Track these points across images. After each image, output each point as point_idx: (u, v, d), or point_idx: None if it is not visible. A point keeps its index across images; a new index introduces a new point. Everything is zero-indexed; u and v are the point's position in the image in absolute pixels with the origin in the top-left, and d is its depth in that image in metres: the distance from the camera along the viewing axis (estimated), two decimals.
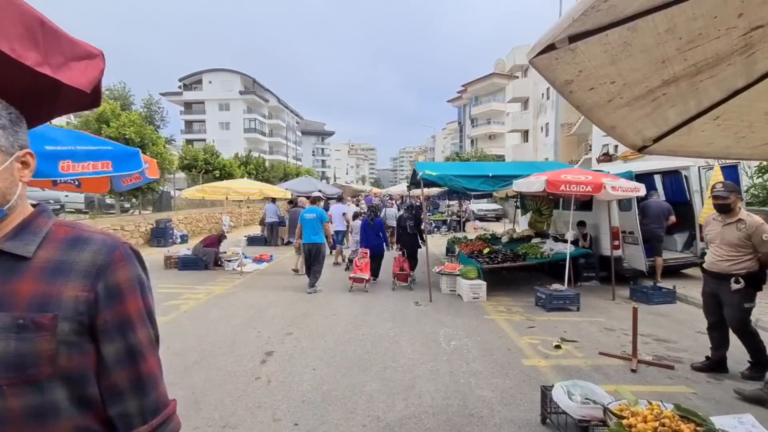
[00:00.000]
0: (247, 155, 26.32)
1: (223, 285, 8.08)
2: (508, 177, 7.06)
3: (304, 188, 14.06)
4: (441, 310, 6.17)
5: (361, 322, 5.57)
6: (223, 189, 8.38)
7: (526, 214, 11.38)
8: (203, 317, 5.82)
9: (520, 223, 12.15)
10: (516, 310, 6.15)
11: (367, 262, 7.99)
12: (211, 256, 9.72)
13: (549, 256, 7.05)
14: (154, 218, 14.46)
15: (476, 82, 51.88)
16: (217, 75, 61.18)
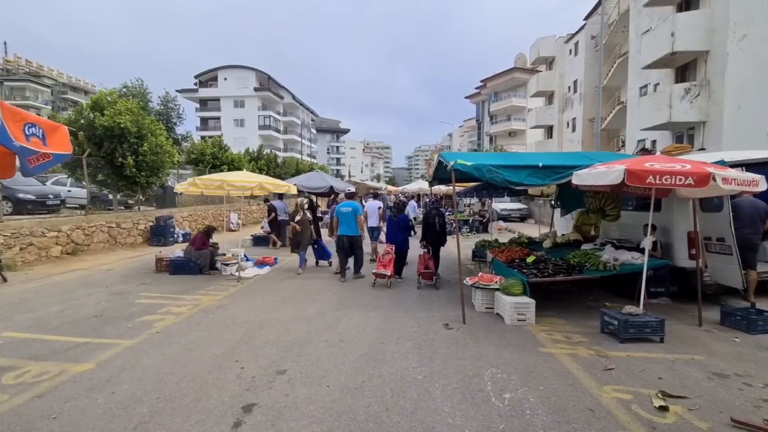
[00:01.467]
0: (258, 150, 25.31)
1: (214, 294, 6.87)
2: (563, 168, 5.63)
3: (315, 184, 12.82)
4: (480, 337, 4.79)
5: (377, 354, 4.24)
6: (217, 182, 7.20)
7: (567, 214, 9.88)
8: (176, 342, 4.59)
9: (557, 225, 10.63)
10: (578, 340, 4.72)
11: (391, 258, 7.78)
12: (206, 259, 8.54)
13: (615, 268, 5.58)
14: (154, 215, 13.46)
15: (496, 77, 50.13)
16: (232, 72, 60.87)
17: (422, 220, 8.52)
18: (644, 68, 20.34)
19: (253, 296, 6.80)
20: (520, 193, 10.32)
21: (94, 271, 8.93)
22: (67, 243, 10.40)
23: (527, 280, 5.49)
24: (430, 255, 7.83)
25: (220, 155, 18.85)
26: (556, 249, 7.71)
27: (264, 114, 60.75)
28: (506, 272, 6.21)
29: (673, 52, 18.04)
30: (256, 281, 8.04)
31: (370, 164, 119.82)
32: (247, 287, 7.49)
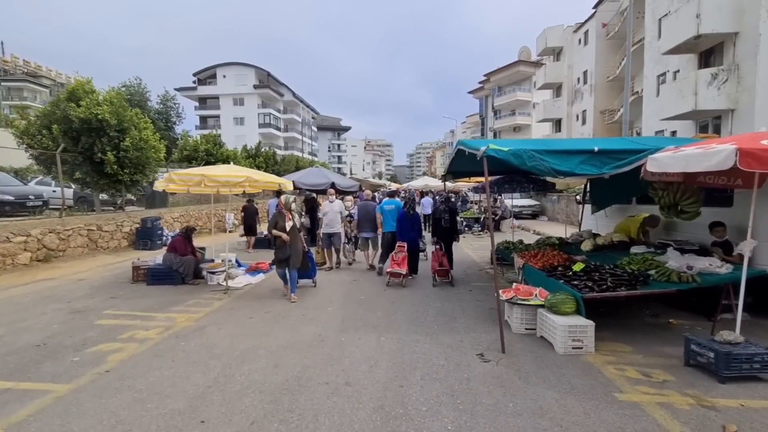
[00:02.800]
0: (256, 147, 24.18)
1: (193, 311, 5.74)
2: (624, 152, 4.46)
3: (314, 180, 11.67)
4: (530, 375, 3.64)
5: (397, 407, 3.10)
6: (196, 176, 6.05)
7: (600, 210, 8.69)
8: (127, 387, 3.46)
9: (587, 224, 9.45)
10: (661, 378, 3.56)
11: (404, 256, 7.47)
12: (189, 267, 7.40)
13: (694, 279, 4.41)
14: (140, 216, 12.34)
15: (500, 71, 48.92)
16: (231, 69, 59.80)
17: (431, 216, 8.61)
18: (665, 54, 19.08)
19: (240, 313, 5.66)
20: (546, 187, 9.11)
21: (63, 281, 7.82)
22: (38, 249, 9.29)
23: (582, 296, 4.32)
24: (443, 252, 7.66)
25: (215, 152, 17.71)
26: (598, 252, 6.54)
27: (264, 112, 59.71)
28: (548, 284, 5.05)
29: (698, 35, 16.76)
30: (246, 292, 6.91)
31: (371, 162, 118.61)
32: (235, 300, 6.36)
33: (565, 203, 19.18)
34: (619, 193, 7.75)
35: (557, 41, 34.99)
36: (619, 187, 7.58)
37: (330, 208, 8.48)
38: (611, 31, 28.21)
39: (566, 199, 19.11)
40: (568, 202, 18.84)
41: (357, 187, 12.19)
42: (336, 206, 8.54)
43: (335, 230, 8.53)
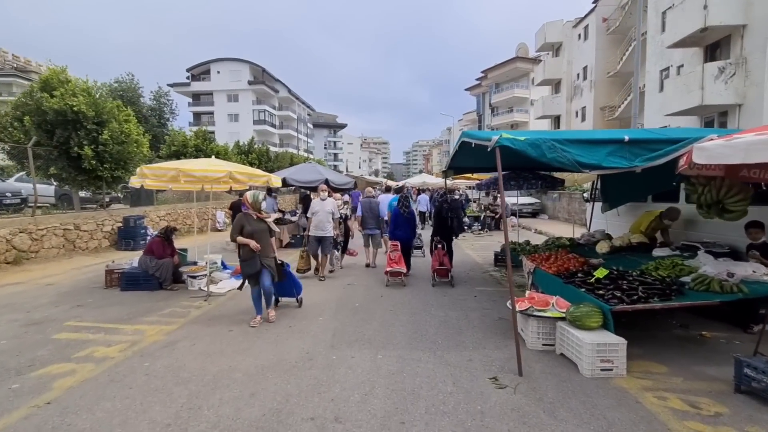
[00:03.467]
0: (249, 143, 23.46)
1: (167, 322, 5.10)
2: (658, 142, 3.87)
3: (307, 177, 11.03)
4: (556, 407, 3.05)
5: None
6: (171, 170, 5.40)
7: (612, 209, 8.13)
8: (70, 425, 2.83)
9: (596, 223, 8.89)
10: (713, 410, 2.98)
11: (399, 254, 7.38)
12: (167, 271, 6.75)
13: (738, 289, 3.83)
14: (123, 214, 11.65)
15: (497, 67, 48.40)
16: (225, 65, 58.83)
17: (434, 215, 8.03)
18: (669, 47, 18.56)
19: (219, 324, 5.04)
20: (554, 185, 8.53)
21: (29, 286, 7.15)
22: (7, 250, 8.60)
23: (610, 309, 3.73)
24: (445, 251, 7.41)
25: (205, 147, 16.99)
26: (615, 255, 5.97)
27: (259, 108, 58.85)
28: (566, 292, 4.46)
29: (705, 27, 16.26)
30: (229, 299, 6.28)
31: (368, 160, 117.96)
32: (215, 309, 5.73)
33: (567, 201, 18.65)
34: (635, 190, 7.19)
35: (556, 36, 34.44)
36: (634, 183, 7.01)
37: (320, 207, 7.26)
38: (612, 25, 27.68)
39: (568, 197, 18.58)
40: (570, 200, 18.31)
41: (352, 184, 11.56)
42: (328, 205, 7.32)
43: (326, 233, 7.26)
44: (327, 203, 7.41)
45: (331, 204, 7.45)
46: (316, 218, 7.33)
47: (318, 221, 7.29)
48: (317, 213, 7.32)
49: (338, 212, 7.93)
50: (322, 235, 7.32)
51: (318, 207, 7.35)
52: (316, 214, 7.33)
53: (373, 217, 8.57)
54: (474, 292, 6.60)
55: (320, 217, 7.29)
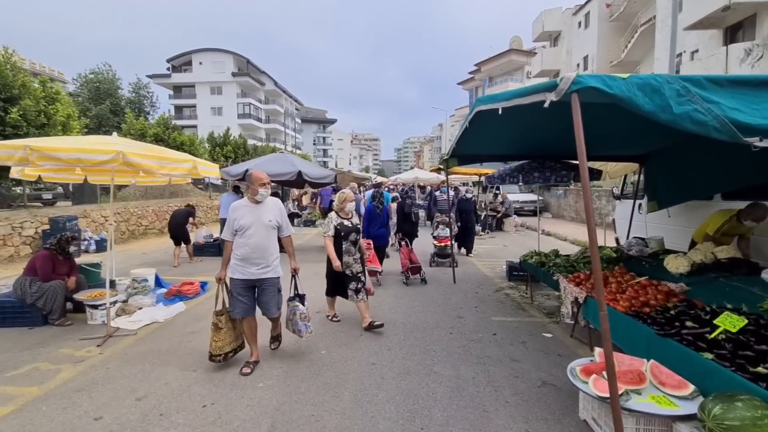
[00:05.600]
0: (224, 135, 21.29)
1: (12, 395, 3.13)
2: None
3: (277, 169, 9.04)
4: None
5: None
6: (19, 151, 3.39)
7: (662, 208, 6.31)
8: None
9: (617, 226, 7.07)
10: None
11: (373, 252, 6.91)
12: (55, 298, 4.72)
13: None
14: (49, 215, 9.53)
15: (491, 60, 46.87)
16: (208, 55, 56.22)
17: (397, 210, 8.03)
18: (686, 29, 16.86)
19: (99, 396, 3.08)
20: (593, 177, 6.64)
21: None
22: None
23: None
24: (410, 248, 7.45)
25: (167, 137, 14.85)
26: (700, 277, 4.12)
27: (243, 102, 56.37)
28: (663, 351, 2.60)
29: (728, 5, 14.63)
30: (139, 340, 4.30)
31: (358, 156, 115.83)
32: (109, 361, 3.75)
33: (574, 198, 16.91)
34: (700, 183, 5.37)
35: (555, 25, 32.76)
36: (702, 173, 5.24)
37: (254, 216, 3.55)
38: (615, 12, 26.04)
39: (575, 193, 16.85)
40: (578, 196, 16.58)
41: (332, 178, 9.61)
42: (269, 212, 3.64)
43: (270, 272, 3.62)
44: (268, 206, 3.62)
45: (276, 209, 3.67)
46: (247, 240, 3.47)
47: (254, 247, 3.47)
48: (248, 229, 3.47)
49: (331, 226, 4.59)
50: (263, 276, 3.56)
51: (249, 216, 3.49)
52: (245, 231, 3.47)
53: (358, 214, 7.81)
54: (491, 325, 4.72)
55: (257, 237, 3.48)
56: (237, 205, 3.57)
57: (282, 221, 3.65)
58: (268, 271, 3.54)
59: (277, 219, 3.60)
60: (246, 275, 3.50)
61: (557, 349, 4.06)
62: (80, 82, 31.48)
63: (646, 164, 6.49)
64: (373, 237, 7.08)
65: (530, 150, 6.20)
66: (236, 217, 3.47)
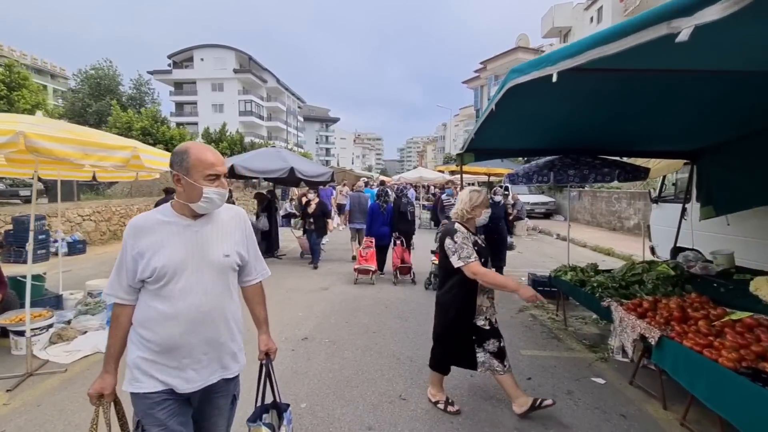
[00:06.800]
0: (221, 130, 20.35)
1: None
2: None
3: (266, 165, 8.05)
4: None
5: None
6: None
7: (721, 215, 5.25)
8: None
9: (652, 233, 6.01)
10: None
11: (372, 251, 6.92)
12: None
13: None
14: (13, 213, 8.59)
15: (497, 58, 45.78)
16: (209, 51, 55.51)
17: (393, 209, 7.56)
18: None
19: None
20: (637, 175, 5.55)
21: None
22: None
23: None
24: (404, 247, 7.10)
25: (155, 131, 13.88)
26: None
27: (245, 99, 55.60)
28: None
29: None
30: (71, 379, 3.32)
31: (361, 155, 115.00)
32: (14, 416, 2.76)
33: (590, 200, 15.83)
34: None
35: (566, 20, 31.68)
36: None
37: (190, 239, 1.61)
38: (630, 5, 24.94)
39: (591, 195, 15.78)
40: (594, 198, 15.50)
41: (329, 176, 8.61)
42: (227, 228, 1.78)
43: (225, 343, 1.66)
44: (220, 225, 1.65)
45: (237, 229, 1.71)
46: (173, 302, 1.50)
47: (190, 317, 1.52)
48: (174, 276, 1.51)
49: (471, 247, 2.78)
50: (211, 380, 1.59)
51: (175, 248, 1.53)
52: (167, 283, 1.50)
53: (361, 211, 8.15)
54: (522, 364, 3.69)
55: (196, 293, 1.54)
56: (146, 224, 1.53)
57: (248, 253, 1.74)
58: (220, 368, 1.62)
59: (239, 250, 1.67)
60: (171, 382, 1.52)
61: (617, 404, 3.03)
62: (81, 77, 30.77)
63: (698, 162, 5.45)
64: (376, 235, 7.15)
65: (563, 143, 5.16)
66: (143, 250, 1.49)
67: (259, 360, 1.85)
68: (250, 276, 1.79)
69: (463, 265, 2.64)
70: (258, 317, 1.87)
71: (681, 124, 4.34)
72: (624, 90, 3.49)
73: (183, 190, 1.52)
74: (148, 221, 1.53)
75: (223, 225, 1.64)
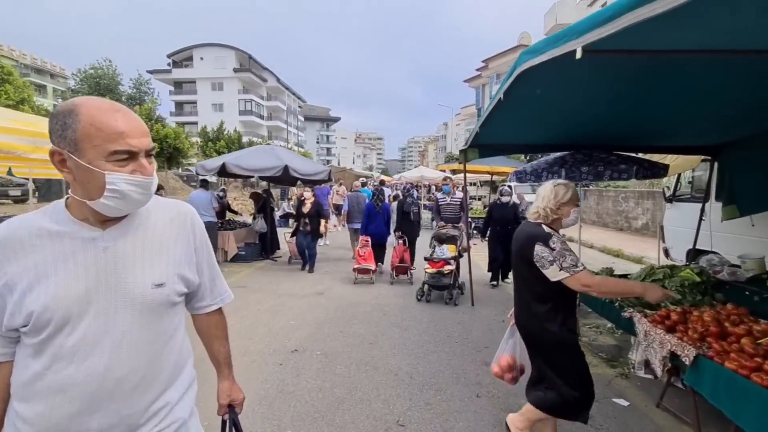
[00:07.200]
0: (218, 129, 20.03)
1: None
2: None
3: (260, 162, 7.72)
4: None
5: None
6: None
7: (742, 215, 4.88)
8: None
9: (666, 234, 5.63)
10: None
11: (369, 251, 6.87)
12: None
13: None
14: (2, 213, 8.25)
15: (499, 56, 45.49)
16: (209, 50, 55.38)
17: (397, 209, 7.63)
18: None
19: None
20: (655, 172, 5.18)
21: None
22: None
23: None
24: (406, 247, 6.91)
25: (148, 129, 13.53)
26: None
27: (245, 98, 55.40)
28: None
29: None
30: None
31: (362, 155, 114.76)
32: None
33: (596, 200, 15.44)
34: None
35: (569, 17, 31.18)
36: None
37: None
38: None
39: (597, 194, 15.39)
40: (600, 198, 15.12)
41: (326, 175, 8.26)
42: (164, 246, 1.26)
43: None
44: (150, 234, 1.08)
45: (179, 240, 1.13)
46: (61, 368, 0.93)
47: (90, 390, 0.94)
48: (65, 326, 0.93)
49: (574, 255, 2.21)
50: None
51: (70, 278, 0.95)
52: (55, 335, 0.93)
53: (360, 211, 8.04)
54: None
55: (102, 353, 0.95)
56: (17, 236, 0.95)
57: (201, 272, 1.21)
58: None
59: (182, 272, 1.11)
60: None
61: (644, 431, 2.66)
62: (80, 77, 30.62)
63: (719, 157, 5.08)
64: (371, 234, 7.10)
65: (575, 138, 4.79)
66: (13, 281, 0.92)
67: (220, 415, 1.33)
68: (203, 302, 1.25)
69: (568, 276, 2.04)
70: (216, 356, 1.33)
71: (706, 116, 3.96)
72: (648, 76, 3.11)
73: (73, 178, 0.94)
74: (22, 231, 0.95)
75: (154, 235, 1.06)
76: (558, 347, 2.23)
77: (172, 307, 1.09)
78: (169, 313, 1.08)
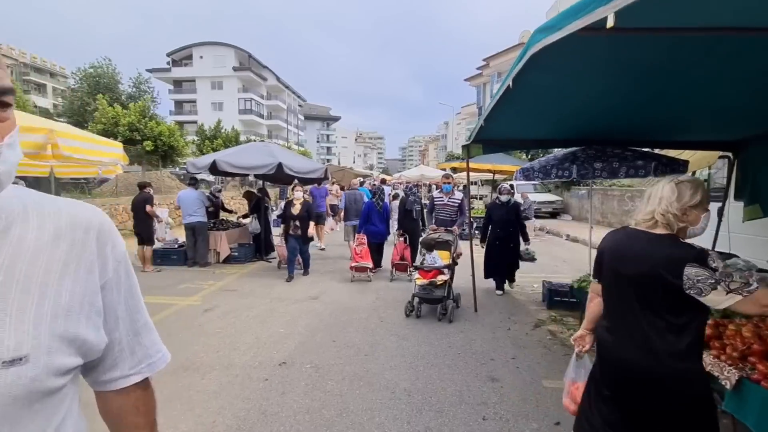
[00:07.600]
0: (215, 127, 19.71)
1: None
2: None
3: (252, 160, 7.39)
4: None
5: None
6: None
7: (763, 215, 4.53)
8: None
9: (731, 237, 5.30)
10: None
11: (365, 249, 6.82)
12: None
13: None
14: None
15: (500, 55, 44.99)
16: (208, 49, 55.07)
17: (399, 207, 7.56)
18: None
19: None
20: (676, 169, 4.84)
21: None
22: None
23: None
24: (407, 244, 6.83)
25: (143, 126, 13.21)
26: None
27: (245, 97, 55.07)
28: None
29: None
30: None
31: (362, 154, 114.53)
32: None
33: (600, 199, 15.10)
34: None
35: None
36: None
37: None
38: None
39: (602, 194, 15.05)
40: (605, 197, 14.78)
41: (321, 173, 7.93)
42: None
43: None
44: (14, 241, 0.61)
45: (82, 254, 0.67)
46: None
47: None
48: None
49: None
50: None
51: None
52: None
53: (357, 209, 7.94)
54: (545, 399, 2.99)
55: None
56: None
57: (111, 324, 0.72)
58: None
59: (64, 331, 0.61)
60: None
61: None
62: (80, 76, 30.33)
63: (742, 153, 4.74)
64: (368, 233, 7.02)
65: (586, 132, 4.45)
66: None
67: None
68: (116, 371, 0.75)
69: (741, 299, 1.47)
70: None
71: (730, 108, 3.63)
72: (673, 62, 2.76)
73: None
74: None
75: (15, 263, 0.59)
76: (700, 399, 1.60)
77: (48, 397, 0.60)
78: (44, 407, 0.60)
